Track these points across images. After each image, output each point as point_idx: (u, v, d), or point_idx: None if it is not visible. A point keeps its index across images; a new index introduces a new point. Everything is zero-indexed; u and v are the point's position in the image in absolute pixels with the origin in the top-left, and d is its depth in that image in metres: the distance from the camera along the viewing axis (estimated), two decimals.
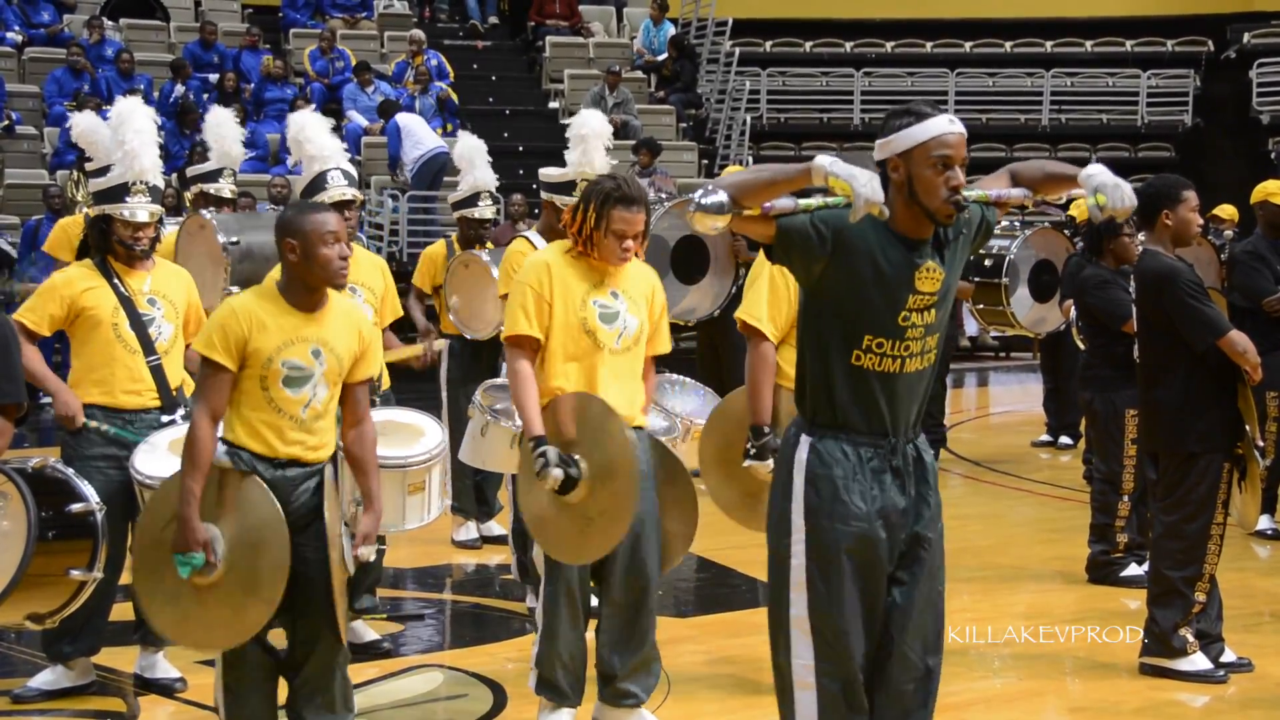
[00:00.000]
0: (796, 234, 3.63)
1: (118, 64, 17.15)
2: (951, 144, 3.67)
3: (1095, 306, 7.24)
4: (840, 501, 3.70)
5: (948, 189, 3.65)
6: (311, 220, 4.37)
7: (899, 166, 3.69)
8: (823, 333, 3.75)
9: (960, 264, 3.83)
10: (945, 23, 22.63)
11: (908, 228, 3.71)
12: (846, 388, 3.72)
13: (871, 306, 3.69)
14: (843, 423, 3.73)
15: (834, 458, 3.72)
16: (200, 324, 5.72)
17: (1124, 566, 7.30)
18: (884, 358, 3.71)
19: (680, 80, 19.72)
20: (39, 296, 5.54)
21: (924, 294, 3.71)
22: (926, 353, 3.77)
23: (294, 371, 4.35)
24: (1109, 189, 3.74)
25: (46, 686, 5.58)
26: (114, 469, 5.41)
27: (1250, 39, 21.76)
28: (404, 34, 19.11)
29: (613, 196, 4.80)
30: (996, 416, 15.07)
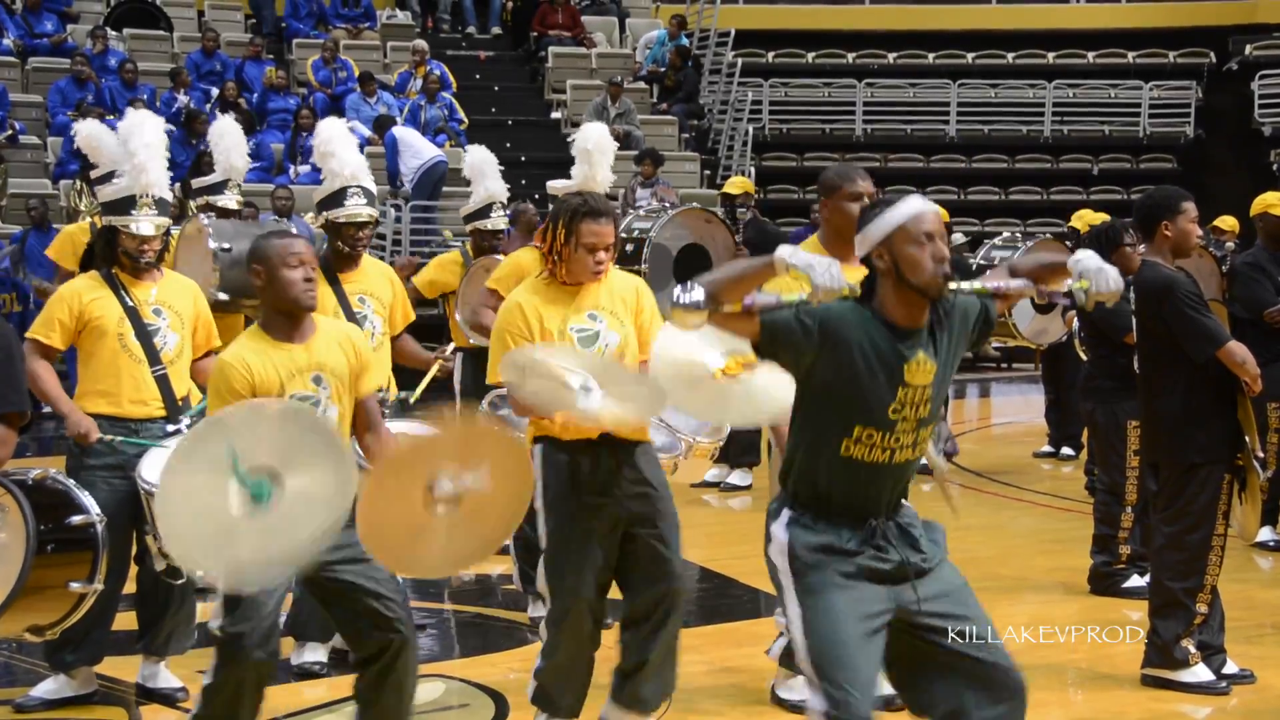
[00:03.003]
0: (781, 329, 3.68)
1: (121, 74, 17.18)
2: (929, 220, 3.75)
3: (1097, 318, 7.25)
4: (827, 571, 3.74)
5: (934, 261, 3.70)
6: (275, 245, 4.49)
7: (883, 254, 3.75)
8: (814, 420, 3.79)
9: (956, 355, 3.86)
10: (947, 34, 22.65)
11: (900, 315, 3.75)
12: (832, 477, 3.77)
13: (861, 397, 3.72)
14: (827, 505, 3.78)
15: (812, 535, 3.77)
16: (210, 333, 5.75)
17: (1126, 577, 7.30)
18: (874, 448, 3.74)
19: (682, 91, 19.75)
20: (47, 309, 5.56)
21: (915, 387, 3.74)
22: (918, 444, 3.81)
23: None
24: (1092, 274, 3.84)
25: (48, 696, 5.58)
26: (119, 479, 5.42)
27: (1252, 51, 21.78)
28: (407, 44, 19.14)
29: (580, 211, 4.85)
30: (998, 427, 15.07)
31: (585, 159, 6.66)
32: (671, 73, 19.78)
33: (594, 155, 6.63)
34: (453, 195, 16.59)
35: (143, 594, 5.68)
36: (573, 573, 4.85)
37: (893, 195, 3.88)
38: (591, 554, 4.85)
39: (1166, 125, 21.91)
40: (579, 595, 4.85)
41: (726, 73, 20.21)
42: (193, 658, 5.93)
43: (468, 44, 20.67)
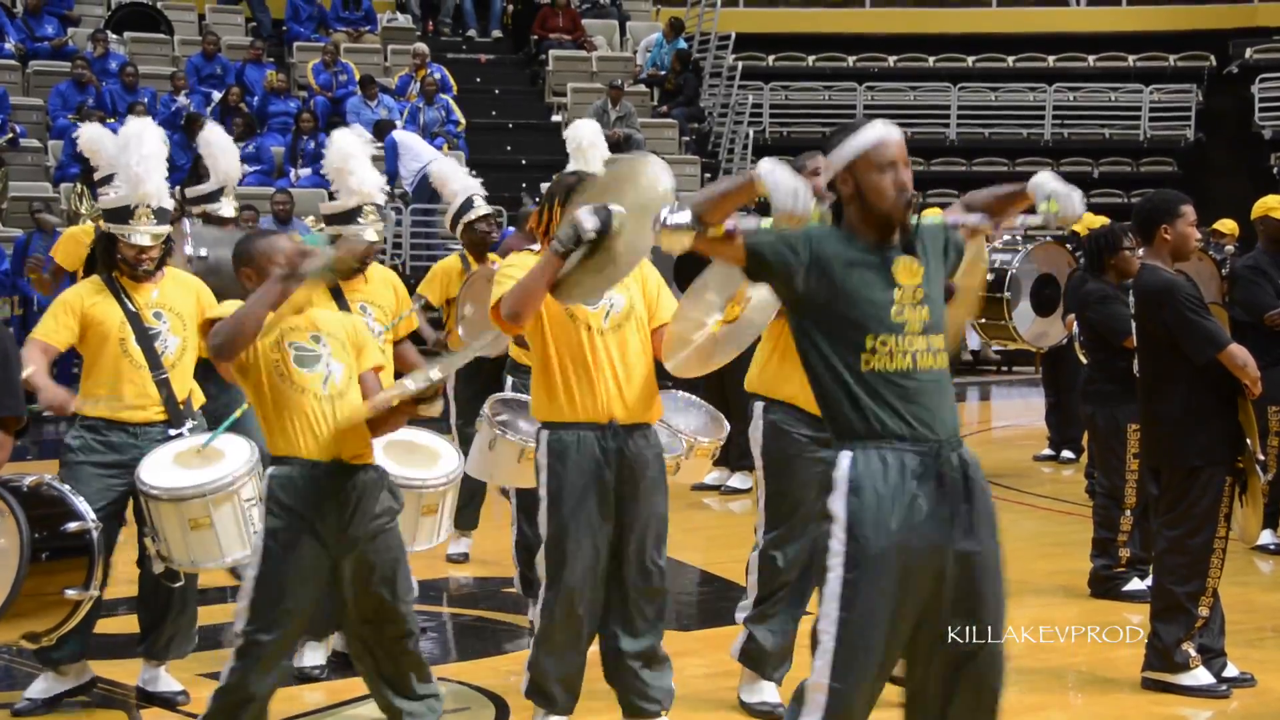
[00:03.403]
0: (767, 249, 3.71)
1: (122, 77, 17.19)
2: (893, 147, 3.78)
3: (1096, 321, 7.26)
4: (883, 512, 3.67)
5: (895, 188, 3.74)
6: (259, 245, 4.54)
7: (847, 179, 3.79)
8: (825, 346, 3.76)
9: (938, 268, 3.86)
10: (947, 37, 22.67)
11: (869, 238, 3.78)
12: (870, 396, 3.71)
13: (862, 306, 3.72)
14: (879, 431, 3.71)
15: (874, 468, 3.69)
16: None
17: (1126, 581, 7.29)
18: (893, 354, 3.71)
19: (683, 94, 19.76)
20: (53, 313, 5.54)
21: (907, 286, 3.75)
22: (935, 351, 3.77)
23: (302, 351, 4.45)
24: (1060, 196, 3.90)
25: (42, 695, 5.56)
26: (113, 477, 5.42)
27: (1252, 54, 21.79)
28: (407, 48, 19.16)
29: (575, 188, 4.84)
30: (998, 431, 15.06)
31: (579, 156, 6.67)
32: (672, 76, 19.79)
33: (587, 151, 6.64)
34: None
35: (143, 597, 5.67)
36: (572, 562, 4.84)
37: (857, 122, 3.89)
38: (591, 545, 4.85)
39: (1167, 128, 21.91)
40: (575, 585, 4.85)
41: (727, 76, 20.22)
42: (194, 661, 5.95)
43: (468, 47, 20.68)
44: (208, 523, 5.20)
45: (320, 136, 17.06)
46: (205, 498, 5.20)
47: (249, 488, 5.26)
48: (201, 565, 5.36)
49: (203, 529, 5.21)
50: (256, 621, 4.39)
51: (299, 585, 4.41)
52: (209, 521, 5.20)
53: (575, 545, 4.85)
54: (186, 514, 5.20)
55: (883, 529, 3.66)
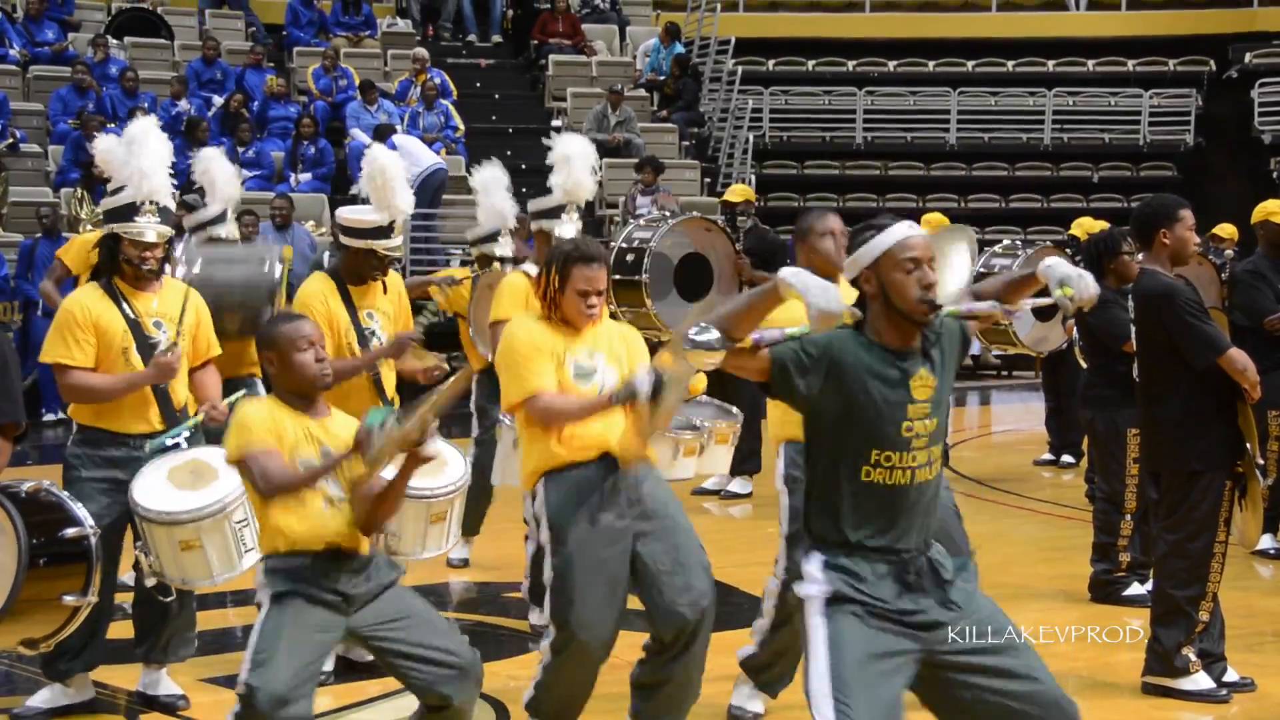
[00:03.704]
0: (789, 360, 3.72)
1: (122, 82, 17.20)
2: (916, 246, 3.79)
3: (1095, 326, 7.26)
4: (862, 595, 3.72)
5: (920, 288, 3.75)
6: (284, 330, 4.59)
7: (870, 279, 3.80)
8: (830, 452, 3.80)
9: (950, 375, 3.90)
10: (947, 42, 22.68)
11: (892, 339, 3.80)
12: (858, 506, 3.77)
13: (873, 421, 3.74)
14: (854, 543, 3.77)
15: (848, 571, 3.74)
16: (209, 341, 5.75)
17: (1126, 585, 7.30)
18: (893, 470, 3.76)
19: (683, 99, 19.77)
20: (68, 332, 5.46)
21: (921, 403, 3.78)
22: (932, 463, 3.83)
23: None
24: (1074, 280, 3.94)
25: (45, 705, 5.57)
26: (115, 492, 5.42)
27: (1252, 59, 21.81)
28: (407, 52, 19.16)
29: (572, 256, 4.92)
30: (999, 435, 15.07)
31: (564, 165, 6.65)
32: (671, 81, 19.80)
33: (574, 161, 6.63)
34: (452, 203, 16.60)
35: (140, 601, 5.67)
36: (580, 605, 4.82)
37: (883, 220, 3.90)
38: (599, 585, 4.82)
39: (1166, 133, 21.92)
40: (584, 628, 4.82)
41: (727, 81, 20.23)
42: (194, 666, 5.95)
43: (468, 52, 20.69)
44: (198, 545, 5.23)
45: (321, 141, 17.09)
46: (197, 523, 5.22)
47: (240, 510, 5.27)
48: (192, 583, 5.39)
49: (193, 550, 5.23)
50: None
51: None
52: (199, 544, 5.23)
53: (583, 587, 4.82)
54: (177, 536, 5.22)
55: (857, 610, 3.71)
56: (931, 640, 3.75)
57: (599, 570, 4.82)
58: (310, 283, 6.29)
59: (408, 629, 4.53)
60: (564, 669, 4.92)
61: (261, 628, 4.39)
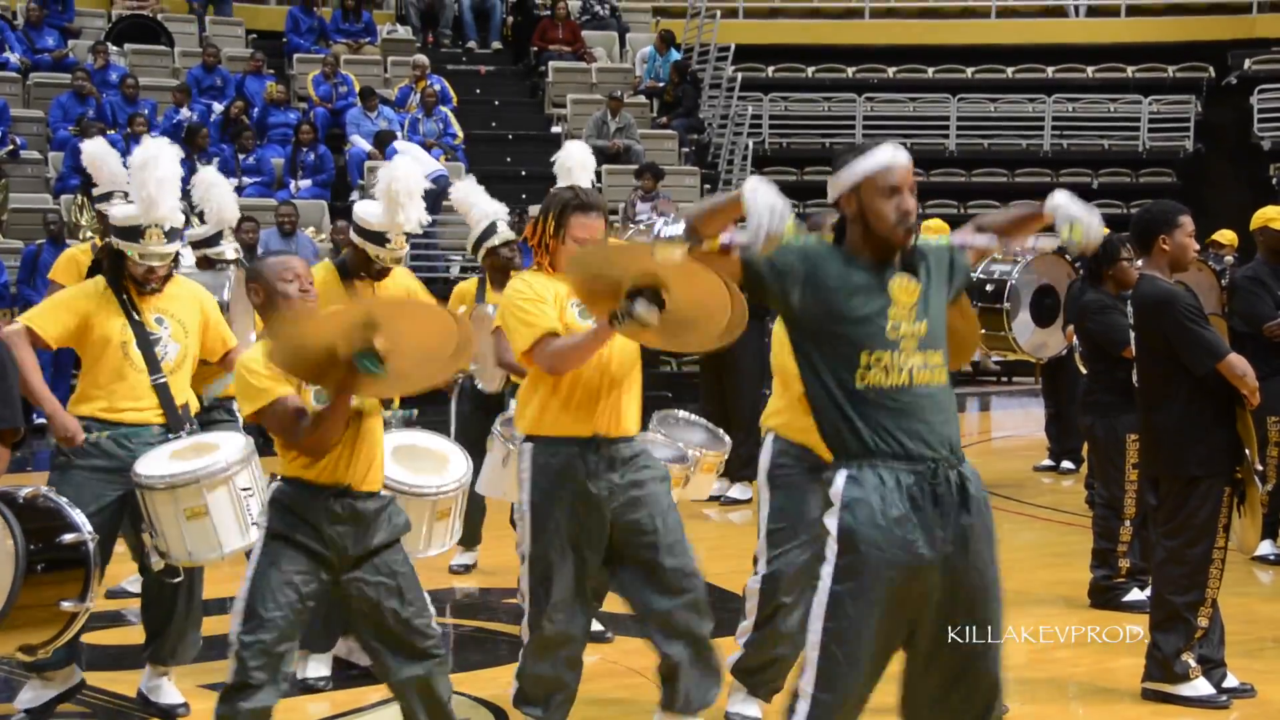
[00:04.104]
0: (763, 264, 3.72)
1: (122, 89, 17.21)
2: (898, 171, 3.81)
3: (1095, 332, 7.27)
4: (877, 528, 3.68)
5: (898, 213, 3.77)
6: (270, 263, 4.59)
7: (851, 200, 3.82)
8: (821, 363, 3.78)
9: (939, 287, 3.88)
10: (947, 49, 22.68)
11: (868, 259, 3.80)
12: (865, 413, 3.73)
13: (857, 322, 3.74)
14: (874, 449, 3.73)
15: (869, 487, 3.70)
16: (224, 336, 5.78)
17: (1126, 591, 7.30)
18: (888, 370, 3.73)
19: (682, 105, 19.78)
20: (53, 306, 5.56)
21: (903, 303, 3.77)
22: (932, 367, 3.79)
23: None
24: (1083, 221, 3.93)
25: (33, 704, 5.56)
26: (105, 482, 5.43)
27: (1251, 65, 21.81)
28: (407, 59, 19.17)
29: (571, 204, 4.88)
30: (998, 441, 15.07)
31: (566, 176, 6.69)
32: (671, 87, 19.81)
33: (576, 172, 6.66)
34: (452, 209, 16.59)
35: (148, 601, 5.68)
36: (552, 581, 4.86)
37: (867, 143, 3.92)
38: (571, 564, 4.86)
39: (1166, 139, 21.92)
40: (555, 604, 4.86)
41: (726, 87, 20.24)
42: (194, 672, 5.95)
43: (468, 59, 20.71)
44: (203, 510, 5.20)
45: (320, 148, 17.09)
46: (199, 483, 5.20)
47: (244, 477, 5.28)
48: (200, 558, 5.34)
49: (199, 518, 5.21)
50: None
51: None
52: (204, 509, 5.20)
53: (556, 564, 4.85)
54: (182, 502, 5.20)
55: (874, 546, 3.68)
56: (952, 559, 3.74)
57: (574, 550, 4.86)
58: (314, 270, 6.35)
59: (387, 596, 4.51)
60: (538, 650, 4.93)
61: (253, 577, 4.42)
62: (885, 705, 4.03)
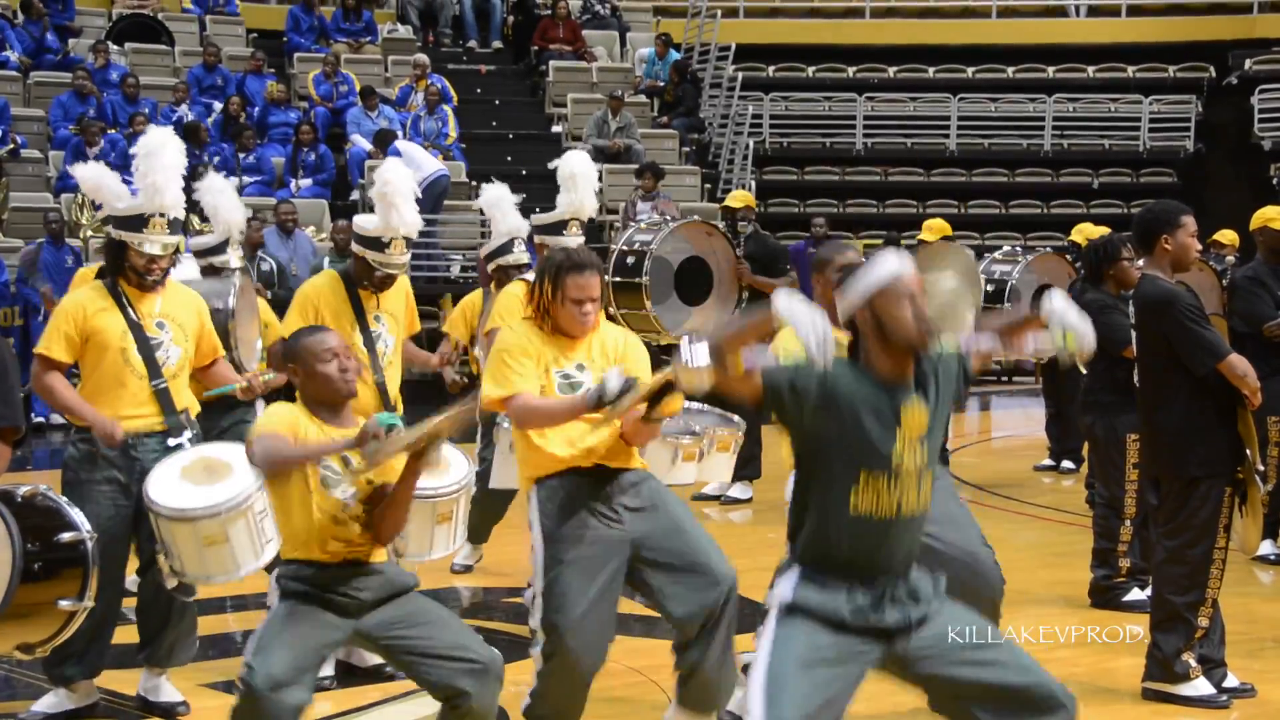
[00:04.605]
0: (782, 385, 3.77)
1: (123, 88, 17.22)
2: (908, 278, 3.85)
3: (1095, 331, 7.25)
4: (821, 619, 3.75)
5: (916, 319, 3.81)
6: (307, 342, 4.63)
7: (865, 315, 3.85)
8: (819, 476, 3.84)
9: (944, 409, 3.94)
10: (947, 48, 22.68)
11: (887, 371, 3.84)
12: (843, 532, 3.80)
13: (863, 443, 3.78)
14: (838, 567, 3.81)
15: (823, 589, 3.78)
16: (214, 344, 5.78)
17: (1126, 591, 7.30)
18: (880, 497, 3.80)
19: (683, 105, 19.78)
20: (53, 326, 5.53)
21: (913, 435, 3.82)
22: (923, 495, 3.86)
23: (330, 473, 4.52)
24: (1078, 330, 4.07)
25: (49, 710, 5.57)
26: (119, 494, 5.42)
27: (1252, 65, 21.81)
28: (408, 58, 19.17)
29: (565, 266, 4.94)
30: (999, 441, 15.07)
31: (570, 185, 6.69)
32: (671, 87, 19.81)
33: (578, 180, 6.65)
34: (453, 209, 16.61)
35: (143, 605, 5.68)
36: (569, 612, 4.82)
37: (868, 259, 3.95)
38: (588, 593, 4.83)
39: (1166, 139, 21.93)
40: (572, 636, 4.82)
41: (727, 87, 20.24)
42: (194, 671, 5.95)
43: (469, 58, 20.71)
44: (223, 539, 5.19)
45: (321, 147, 17.09)
46: (221, 518, 5.18)
47: (260, 500, 5.27)
48: (215, 579, 5.34)
49: (218, 545, 5.20)
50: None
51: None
52: (224, 538, 5.20)
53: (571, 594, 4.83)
54: (202, 534, 5.19)
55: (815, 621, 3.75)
56: (899, 644, 3.79)
57: (589, 579, 4.83)
58: (317, 278, 6.37)
59: (420, 628, 4.54)
60: (555, 676, 4.92)
61: (270, 618, 4.47)
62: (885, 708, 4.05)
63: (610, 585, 4.88)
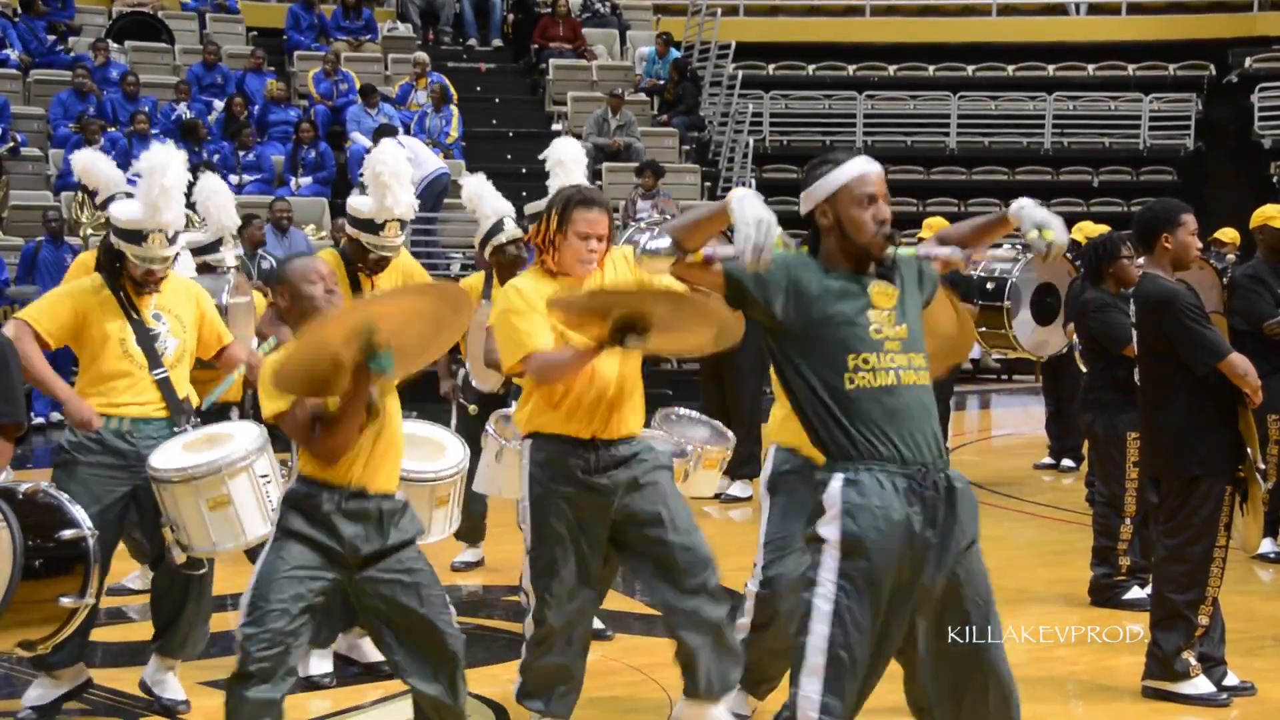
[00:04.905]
0: (746, 276, 3.76)
1: (123, 86, 17.22)
2: (873, 181, 3.85)
3: (1095, 330, 7.26)
4: (879, 532, 3.68)
5: (875, 222, 3.81)
6: (295, 265, 4.61)
7: (826, 212, 3.84)
8: (808, 369, 3.81)
9: (914, 293, 3.92)
10: (947, 46, 22.69)
11: (845, 268, 3.84)
12: (857, 415, 3.75)
13: (842, 326, 3.77)
14: (868, 452, 3.74)
15: (871, 489, 3.71)
16: (219, 332, 5.78)
17: (1126, 589, 7.30)
18: (875, 372, 3.76)
19: (683, 103, 19.78)
20: (51, 302, 5.56)
21: (884, 307, 3.81)
22: (917, 369, 3.82)
23: None
24: (1052, 222, 3.99)
25: (40, 701, 5.55)
26: (111, 478, 5.43)
27: (1252, 63, 21.82)
28: (408, 56, 19.18)
29: (574, 199, 4.88)
30: (999, 439, 15.07)
31: (559, 171, 6.68)
32: (671, 85, 19.82)
33: (567, 167, 6.65)
34: (452, 207, 16.60)
35: (158, 595, 5.68)
36: (555, 575, 4.87)
37: (838, 153, 3.93)
38: (573, 556, 4.87)
39: (1166, 138, 21.93)
40: (560, 597, 4.86)
41: (727, 85, 20.24)
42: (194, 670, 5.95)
43: (469, 56, 20.71)
44: (226, 499, 5.20)
45: (321, 145, 17.09)
46: (220, 473, 5.20)
47: (262, 464, 5.28)
48: (224, 547, 5.33)
49: (222, 507, 5.20)
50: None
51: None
52: (228, 498, 5.20)
53: (558, 558, 4.86)
54: (204, 493, 5.20)
55: (879, 550, 3.69)
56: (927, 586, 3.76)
57: (574, 545, 4.87)
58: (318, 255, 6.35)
59: (403, 593, 4.49)
60: (543, 643, 4.93)
61: (260, 570, 4.41)
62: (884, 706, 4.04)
63: (593, 551, 4.89)
